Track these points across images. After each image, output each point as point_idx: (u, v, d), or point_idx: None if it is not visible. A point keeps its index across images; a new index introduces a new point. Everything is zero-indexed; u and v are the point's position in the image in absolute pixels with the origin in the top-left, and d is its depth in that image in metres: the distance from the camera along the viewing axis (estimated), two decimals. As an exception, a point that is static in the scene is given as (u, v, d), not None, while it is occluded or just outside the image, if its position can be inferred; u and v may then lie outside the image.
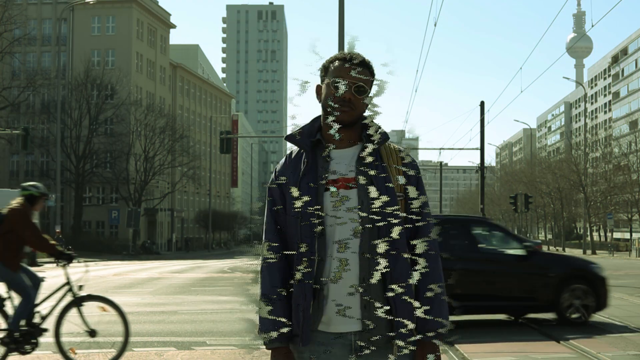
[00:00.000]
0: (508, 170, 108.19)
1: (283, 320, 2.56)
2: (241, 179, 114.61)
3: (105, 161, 61.14)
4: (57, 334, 7.50)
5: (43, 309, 7.70)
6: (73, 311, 7.63)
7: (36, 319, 7.55)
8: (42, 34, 67.70)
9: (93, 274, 27.42)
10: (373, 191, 2.54)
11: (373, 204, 2.53)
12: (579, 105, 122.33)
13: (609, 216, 62.71)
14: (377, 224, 2.53)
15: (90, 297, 7.77)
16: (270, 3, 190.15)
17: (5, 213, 7.47)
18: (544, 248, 79.54)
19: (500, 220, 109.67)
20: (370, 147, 2.60)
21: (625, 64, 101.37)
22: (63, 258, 7.56)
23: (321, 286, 2.53)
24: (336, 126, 2.62)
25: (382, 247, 2.53)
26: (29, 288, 7.57)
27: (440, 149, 49.88)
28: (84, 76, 59.18)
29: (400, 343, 2.53)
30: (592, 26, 24.65)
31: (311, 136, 2.65)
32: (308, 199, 2.55)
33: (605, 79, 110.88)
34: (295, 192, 2.58)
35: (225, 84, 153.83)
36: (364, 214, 2.53)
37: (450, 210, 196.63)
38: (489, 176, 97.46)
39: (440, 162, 72.60)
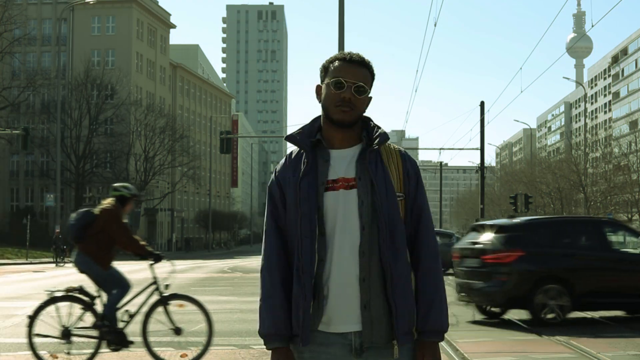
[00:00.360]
0: (508, 170, 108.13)
1: (283, 320, 2.56)
2: (241, 179, 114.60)
3: (105, 161, 61.11)
4: (144, 332, 7.65)
5: (131, 306, 7.87)
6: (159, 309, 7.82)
7: (124, 317, 7.71)
8: (42, 34, 67.68)
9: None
10: (373, 191, 2.55)
11: (373, 204, 2.54)
12: (579, 105, 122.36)
13: (609, 216, 62.68)
14: (377, 224, 2.53)
15: (176, 296, 7.94)
16: (270, 3, 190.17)
17: (97, 213, 7.61)
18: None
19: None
20: (370, 148, 2.61)
21: (625, 64, 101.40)
22: (152, 258, 7.73)
23: (321, 286, 2.53)
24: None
25: (382, 247, 2.53)
26: (124, 277, 7.77)
27: (440, 149, 49.91)
28: (84, 76, 59.14)
29: (401, 343, 2.53)
30: (592, 26, 24.62)
31: (311, 136, 2.65)
32: (308, 199, 2.55)
33: (605, 79, 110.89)
34: (295, 192, 2.58)
35: (225, 84, 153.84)
36: (364, 214, 2.54)
37: (450, 211, 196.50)
38: (489, 176, 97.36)
39: (440, 162, 72.67)
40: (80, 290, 7.61)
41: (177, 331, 7.75)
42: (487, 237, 11.76)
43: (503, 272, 11.22)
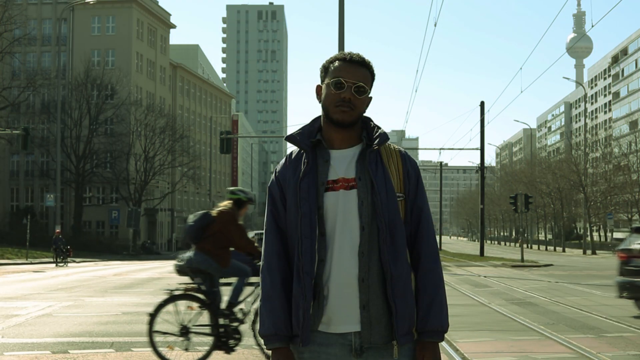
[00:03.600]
0: (508, 170, 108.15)
1: (283, 320, 2.57)
2: (241, 179, 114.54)
3: (105, 161, 61.11)
4: (255, 330, 7.86)
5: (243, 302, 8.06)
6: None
7: (239, 315, 7.92)
8: (42, 34, 67.65)
9: (93, 274, 27.43)
10: (373, 192, 2.55)
11: (373, 204, 2.54)
12: (579, 106, 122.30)
13: (609, 216, 62.69)
14: (377, 224, 2.53)
15: None
16: (270, 3, 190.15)
17: (215, 215, 7.88)
18: (542, 248, 79.57)
19: (500, 220, 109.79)
20: (370, 148, 2.61)
21: (625, 64, 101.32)
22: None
23: (321, 286, 2.53)
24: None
25: (382, 247, 2.53)
26: (242, 266, 8.01)
27: (440, 149, 49.97)
28: (84, 76, 59.15)
29: (400, 343, 2.53)
30: (592, 26, 24.71)
31: (311, 136, 2.65)
32: (308, 199, 2.55)
33: (605, 79, 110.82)
34: (295, 192, 2.58)
35: (225, 84, 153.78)
36: (364, 215, 2.54)
37: (450, 211, 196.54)
38: (489, 176, 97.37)
39: (440, 162, 72.65)
40: (198, 288, 7.85)
41: None
42: None
43: None
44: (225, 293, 8.03)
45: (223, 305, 7.87)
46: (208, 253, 7.78)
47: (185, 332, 7.77)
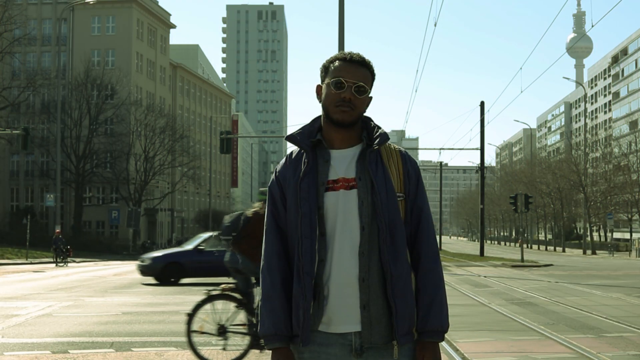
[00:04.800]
0: (508, 170, 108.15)
1: (283, 320, 2.56)
2: (241, 179, 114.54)
3: (105, 161, 61.10)
4: None
5: None
6: None
7: None
8: (42, 34, 67.64)
9: (93, 274, 27.42)
10: (373, 191, 2.54)
11: (373, 204, 2.53)
12: (579, 106, 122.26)
13: (609, 216, 62.68)
14: (377, 224, 2.53)
15: None
16: (270, 3, 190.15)
17: (250, 215, 7.94)
18: (542, 248, 79.55)
19: (500, 220, 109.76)
20: (370, 148, 2.60)
21: (625, 64, 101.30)
22: None
23: (321, 286, 2.53)
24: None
25: (382, 247, 2.53)
26: None
27: (440, 149, 49.95)
28: (84, 76, 59.14)
29: (401, 343, 2.53)
30: (592, 26, 24.72)
31: (311, 136, 2.65)
32: (308, 199, 2.55)
33: (605, 79, 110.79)
34: (295, 192, 2.58)
35: (225, 84, 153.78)
36: (364, 215, 2.53)
37: (450, 211, 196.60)
38: (489, 176, 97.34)
39: (440, 162, 72.63)
40: (235, 288, 7.91)
41: None
42: None
43: None
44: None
45: None
46: (244, 253, 7.83)
47: (222, 331, 7.83)
